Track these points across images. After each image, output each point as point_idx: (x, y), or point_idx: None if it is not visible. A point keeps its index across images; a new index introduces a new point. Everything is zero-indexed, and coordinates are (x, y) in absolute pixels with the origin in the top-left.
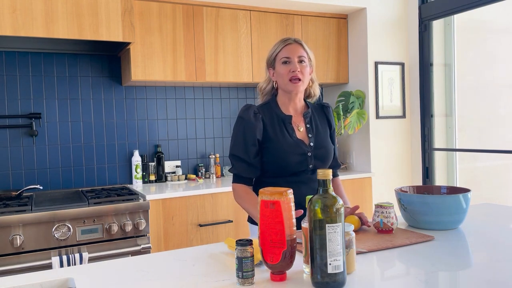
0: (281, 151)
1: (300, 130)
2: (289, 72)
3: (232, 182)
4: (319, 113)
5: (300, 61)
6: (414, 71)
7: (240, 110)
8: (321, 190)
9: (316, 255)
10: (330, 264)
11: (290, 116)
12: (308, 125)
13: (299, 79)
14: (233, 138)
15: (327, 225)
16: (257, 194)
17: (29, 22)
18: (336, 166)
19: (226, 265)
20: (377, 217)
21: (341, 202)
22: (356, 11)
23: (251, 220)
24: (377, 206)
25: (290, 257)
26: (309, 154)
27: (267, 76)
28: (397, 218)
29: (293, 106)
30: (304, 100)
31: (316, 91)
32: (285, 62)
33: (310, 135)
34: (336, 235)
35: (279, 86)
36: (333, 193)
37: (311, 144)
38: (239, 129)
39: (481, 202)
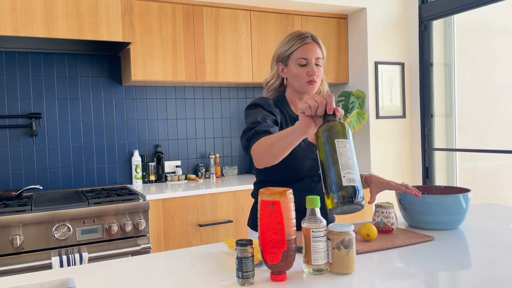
0: (294, 155)
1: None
2: (307, 75)
3: (250, 145)
4: None
5: (317, 64)
6: (414, 71)
7: (255, 100)
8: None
9: (329, 172)
10: (344, 177)
11: None
12: None
13: (316, 81)
14: (250, 114)
15: (336, 140)
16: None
17: (29, 22)
18: None
19: (226, 265)
20: (377, 217)
21: (346, 126)
22: (356, 11)
23: (251, 225)
24: (377, 206)
25: (290, 257)
26: None
27: (274, 71)
28: (397, 218)
29: None
30: None
31: (325, 87)
32: (302, 64)
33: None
34: (346, 149)
35: (290, 85)
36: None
37: None
38: (257, 108)
39: (481, 202)
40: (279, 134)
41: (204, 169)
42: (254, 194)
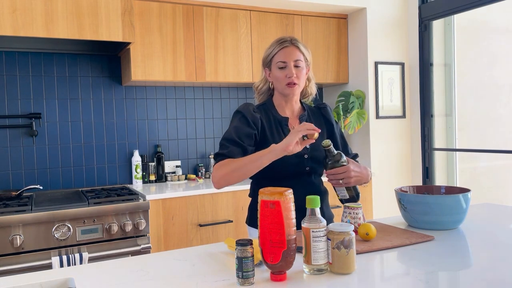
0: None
1: None
2: (285, 77)
3: (216, 163)
4: (316, 115)
5: (296, 66)
6: (414, 71)
7: (239, 106)
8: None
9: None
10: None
11: (287, 118)
12: None
13: (295, 83)
14: (230, 126)
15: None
16: (257, 196)
17: (29, 22)
18: (355, 157)
19: (226, 265)
20: (345, 217)
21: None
22: (356, 11)
23: (249, 222)
24: (346, 206)
25: (290, 257)
26: (306, 156)
27: (263, 76)
28: (365, 219)
29: (289, 108)
30: (301, 102)
31: (313, 90)
32: (281, 67)
33: (305, 138)
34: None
35: (275, 88)
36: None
37: (308, 146)
38: (237, 120)
39: (481, 202)
40: (235, 164)
41: (204, 169)
42: (251, 193)
